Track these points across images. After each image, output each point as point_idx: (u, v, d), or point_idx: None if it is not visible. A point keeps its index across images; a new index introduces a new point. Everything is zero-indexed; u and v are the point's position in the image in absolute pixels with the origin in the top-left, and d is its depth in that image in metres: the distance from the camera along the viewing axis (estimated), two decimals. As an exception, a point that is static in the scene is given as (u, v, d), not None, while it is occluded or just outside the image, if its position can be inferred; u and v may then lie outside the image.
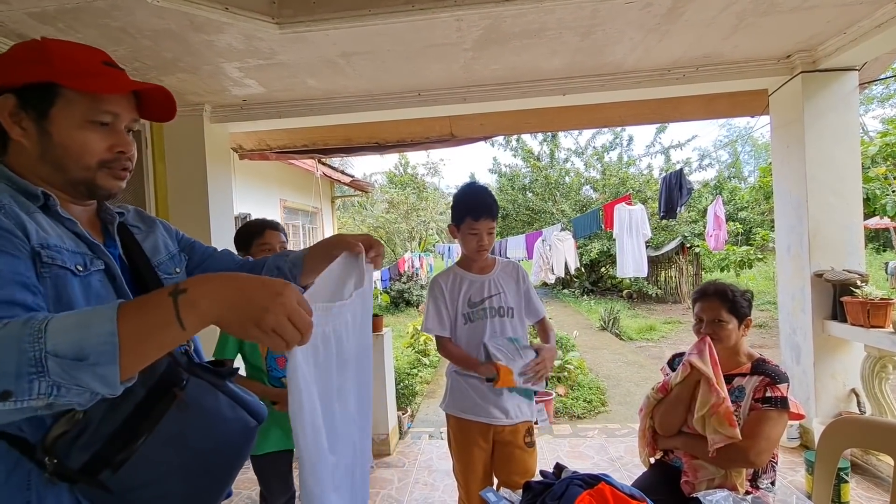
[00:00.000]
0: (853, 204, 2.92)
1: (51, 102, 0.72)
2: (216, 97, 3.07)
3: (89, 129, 0.74)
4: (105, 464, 0.66)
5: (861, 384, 2.79)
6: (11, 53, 0.75)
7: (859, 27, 2.50)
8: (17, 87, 0.72)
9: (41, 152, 0.74)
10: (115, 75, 0.77)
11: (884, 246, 14.68)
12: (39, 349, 0.51)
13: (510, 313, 1.79)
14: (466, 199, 1.73)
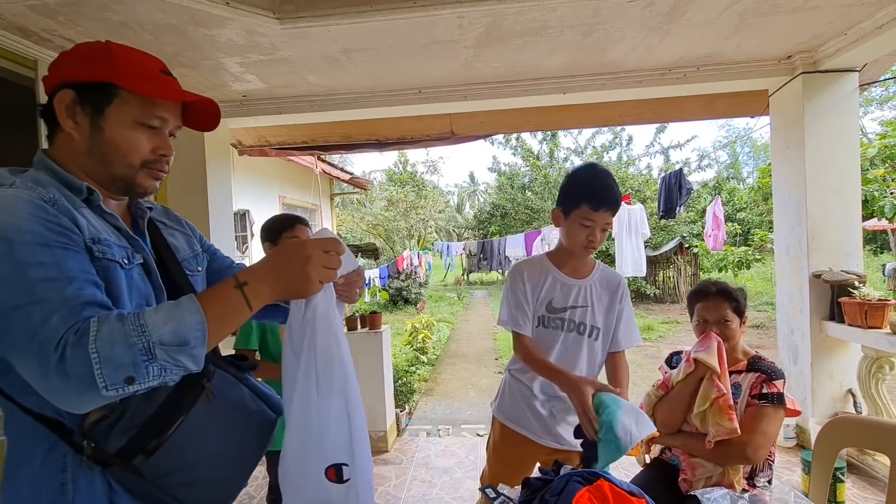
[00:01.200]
0: (852, 205, 2.93)
1: (108, 101, 0.76)
2: (216, 92, 3.06)
3: (139, 130, 0.78)
4: (139, 449, 0.69)
5: (858, 385, 2.81)
6: (76, 51, 0.78)
7: (860, 28, 2.50)
8: (77, 83, 0.75)
9: (90, 147, 0.77)
10: (171, 83, 0.81)
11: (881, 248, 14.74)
12: (147, 340, 0.62)
13: (593, 333, 1.49)
14: (588, 183, 1.40)
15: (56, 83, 0.76)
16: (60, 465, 0.70)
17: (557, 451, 1.51)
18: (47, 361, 0.59)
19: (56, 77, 0.77)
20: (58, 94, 0.75)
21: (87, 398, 0.61)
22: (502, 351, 7.13)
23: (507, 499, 0.90)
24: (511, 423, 1.54)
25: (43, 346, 0.60)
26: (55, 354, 0.59)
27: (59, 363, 0.59)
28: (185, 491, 0.74)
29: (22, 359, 0.62)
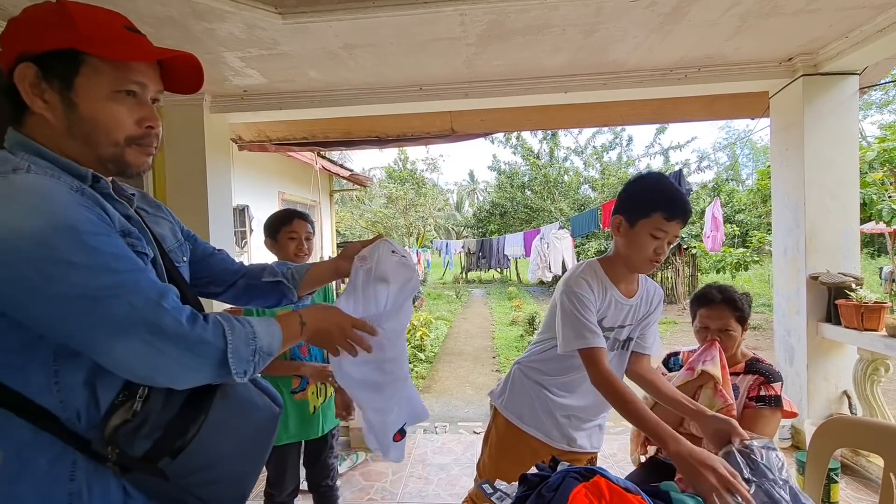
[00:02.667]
0: (850, 208, 2.94)
1: (76, 71, 0.66)
2: (216, 87, 3.05)
3: (117, 100, 0.69)
4: (165, 451, 0.67)
5: (853, 386, 2.82)
6: (27, 17, 0.67)
7: (861, 31, 2.51)
8: (36, 54, 0.65)
9: (68, 126, 0.68)
10: (141, 41, 0.72)
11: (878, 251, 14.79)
12: (255, 346, 0.71)
13: (626, 345, 1.45)
14: (663, 190, 1.28)
15: (13, 57, 0.66)
16: (68, 473, 0.65)
17: (567, 452, 1.48)
18: (173, 336, 0.62)
19: (12, 50, 0.66)
20: (17, 69, 0.65)
21: (203, 375, 0.66)
22: (500, 349, 7.14)
23: (504, 494, 0.91)
24: (525, 425, 1.48)
25: (162, 323, 0.61)
26: (185, 328, 0.63)
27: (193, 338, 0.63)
28: (208, 489, 0.73)
29: (125, 339, 0.60)
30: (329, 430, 1.88)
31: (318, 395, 1.83)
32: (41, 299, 0.58)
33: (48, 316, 0.59)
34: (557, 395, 1.46)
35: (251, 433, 0.80)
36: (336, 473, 1.98)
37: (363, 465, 3.00)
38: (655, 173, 1.41)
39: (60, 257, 0.58)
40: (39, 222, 0.57)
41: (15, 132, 0.69)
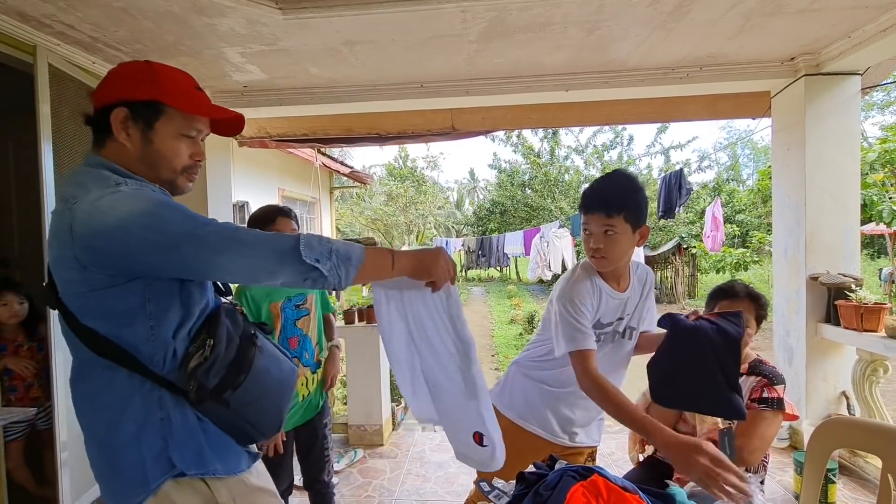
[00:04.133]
0: (851, 209, 2.93)
1: (157, 117, 0.90)
2: (217, 82, 3.04)
3: (181, 140, 0.94)
4: (228, 385, 0.91)
5: (852, 387, 2.82)
6: (123, 72, 0.92)
7: (863, 31, 2.50)
8: (129, 101, 0.89)
9: (141, 155, 0.91)
10: (204, 99, 0.96)
11: (878, 252, 14.78)
12: (330, 246, 0.88)
13: (630, 334, 1.47)
14: (585, 189, 1.36)
15: (110, 101, 0.89)
16: (157, 404, 0.87)
17: (568, 447, 1.49)
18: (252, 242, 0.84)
19: (109, 95, 0.90)
20: (113, 111, 0.88)
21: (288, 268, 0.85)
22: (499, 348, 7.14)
23: (502, 492, 0.91)
24: (525, 423, 1.49)
25: (241, 236, 0.84)
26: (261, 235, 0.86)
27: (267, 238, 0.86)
28: (256, 417, 0.97)
29: (223, 255, 0.83)
30: (317, 412, 1.89)
31: (307, 386, 1.85)
32: (162, 250, 0.81)
33: (170, 260, 0.82)
34: (559, 390, 1.46)
35: (282, 378, 1.03)
36: (331, 468, 1.98)
37: (361, 461, 3.00)
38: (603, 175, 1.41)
39: (164, 217, 0.82)
40: (144, 204, 0.83)
41: (96, 155, 0.92)
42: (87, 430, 0.91)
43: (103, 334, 0.85)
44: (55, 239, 0.84)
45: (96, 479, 0.92)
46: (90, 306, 0.85)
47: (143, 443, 0.87)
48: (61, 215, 0.84)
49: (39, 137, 2.14)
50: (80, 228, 0.81)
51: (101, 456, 0.89)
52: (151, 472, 0.86)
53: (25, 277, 2.83)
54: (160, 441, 0.87)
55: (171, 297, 0.88)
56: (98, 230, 0.80)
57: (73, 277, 0.83)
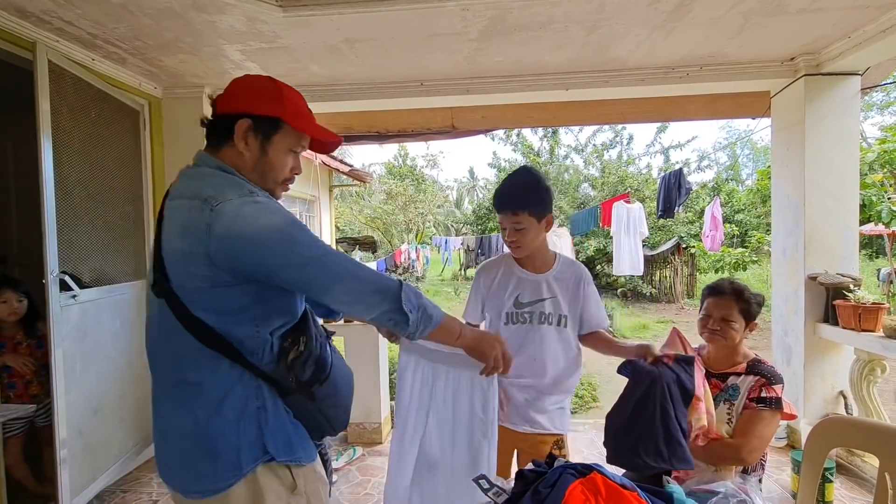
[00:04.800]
0: (850, 209, 2.94)
1: (275, 132, 0.99)
2: (217, 80, 3.03)
3: (289, 154, 1.03)
4: (316, 380, 1.00)
5: (850, 387, 2.83)
6: (251, 86, 1.00)
7: (864, 31, 2.50)
8: (253, 114, 0.97)
9: (255, 164, 1.00)
10: (313, 119, 1.06)
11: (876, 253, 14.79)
12: (421, 301, 1.01)
13: (562, 322, 1.57)
14: (498, 185, 1.54)
15: (235, 111, 0.97)
16: (255, 394, 0.95)
17: (531, 435, 1.55)
18: (366, 280, 0.95)
19: (235, 105, 0.98)
20: (238, 120, 0.96)
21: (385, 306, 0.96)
22: (498, 346, 7.15)
23: (501, 490, 0.91)
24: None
25: (359, 272, 0.95)
26: (374, 275, 0.96)
27: (379, 280, 0.96)
28: (332, 410, 1.05)
29: (340, 283, 0.93)
30: None
31: None
32: (291, 267, 0.90)
33: (294, 276, 0.92)
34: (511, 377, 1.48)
35: (349, 376, 1.12)
36: (330, 466, 1.97)
37: (360, 459, 3.00)
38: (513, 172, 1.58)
39: (297, 237, 0.91)
40: (280, 221, 0.91)
41: (213, 157, 0.99)
42: (181, 416, 0.94)
43: (212, 326, 0.91)
44: (187, 233, 0.89)
45: (173, 466, 0.97)
46: (206, 299, 0.90)
47: (241, 429, 0.93)
48: (198, 213, 0.88)
49: (39, 135, 2.14)
50: (220, 230, 0.87)
51: (193, 441, 0.93)
52: (245, 457, 0.93)
53: (24, 275, 2.83)
54: (256, 428, 0.94)
55: (278, 300, 0.97)
56: (238, 236, 0.87)
57: (198, 272, 0.89)
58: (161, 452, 1.00)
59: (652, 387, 1.28)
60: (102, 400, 2.55)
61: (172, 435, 0.97)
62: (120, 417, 2.70)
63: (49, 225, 2.16)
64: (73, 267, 2.37)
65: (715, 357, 1.66)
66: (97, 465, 2.49)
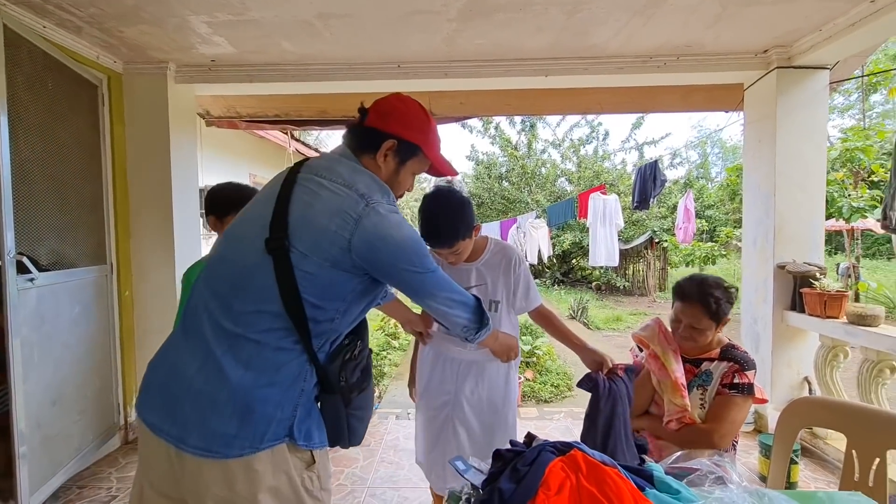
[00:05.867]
0: (817, 200, 3.02)
1: (411, 157, 1.12)
2: (182, 55, 2.88)
3: (411, 177, 1.17)
4: (357, 387, 1.07)
5: (814, 372, 2.92)
6: (407, 111, 1.11)
7: (834, 25, 2.55)
8: (400, 137, 1.08)
9: (386, 178, 1.09)
10: (440, 149, 1.19)
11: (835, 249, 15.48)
12: (487, 317, 1.22)
13: (492, 307, 1.66)
14: (421, 223, 1.54)
15: (387, 129, 1.07)
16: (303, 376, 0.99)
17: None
18: (457, 299, 1.13)
19: (388, 125, 1.08)
20: (387, 139, 1.07)
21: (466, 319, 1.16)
22: (474, 338, 7.15)
23: (478, 471, 0.87)
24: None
25: (445, 290, 1.11)
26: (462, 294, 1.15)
27: (464, 299, 1.15)
28: (357, 423, 1.10)
29: (434, 298, 1.09)
30: None
31: None
32: (412, 274, 1.03)
33: (411, 280, 1.04)
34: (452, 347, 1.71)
35: (372, 399, 1.17)
36: None
37: (333, 450, 2.92)
38: (425, 199, 1.55)
39: (422, 252, 1.04)
40: (414, 236, 1.04)
41: (354, 156, 1.08)
42: (226, 365, 0.92)
43: (304, 297, 0.94)
44: (337, 216, 0.95)
45: (184, 412, 0.93)
46: (318, 275, 0.95)
47: (281, 404, 0.95)
48: (354, 203, 0.97)
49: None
50: (369, 226, 0.96)
51: (230, 394, 0.91)
52: (273, 432, 0.94)
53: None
54: (292, 408, 0.97)
55: (365, 301, 1.06)
56: (385, 237, 0.97)
57: (331, 251, 0.95)
58: (169, 394, 0.94)
59: (614, 406, 1.46)
60: (61, 390, 2.40)
61: (201, 379, 0.92)
62: (80, 409, 2.55)
63: (5, 202, 2.01)
64: (29, 249, 2.22)
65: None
66: (56, 459, 2.35)
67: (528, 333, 5.73)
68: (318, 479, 1.02)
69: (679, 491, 0.87)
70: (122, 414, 2.93)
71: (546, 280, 13.54)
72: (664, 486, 0.88)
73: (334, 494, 2.45)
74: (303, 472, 0.99)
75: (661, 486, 0.88)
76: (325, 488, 1.05)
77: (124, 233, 2.98)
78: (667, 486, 0.88)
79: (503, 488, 0.76)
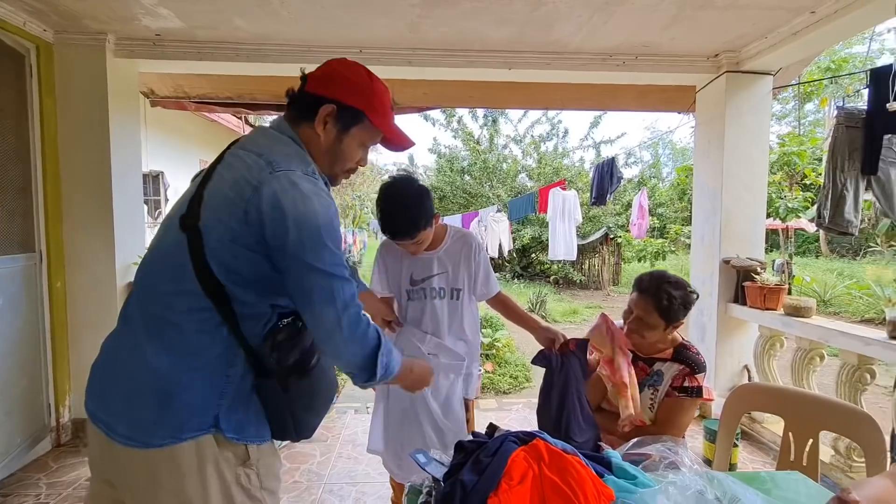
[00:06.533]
0: (759, 199, 3.20)
1: (355, 124, 1.00)
2: (122, 26, 2.66)
3: (360, 148, 1.04)
4: (296, 370, 0.94)
5: (753, 361, 3.11)
6: (345, 74, 1.00)
7: (778, 33, 2.70)
8: (340, 101, 0.97)
9: (327, 149, 1.00)
10: (392, 118, 1.06)
11: (771, 247, 16.64)
12: (386, 362, 0.97)
13: (454, 295, 1.66)
14: (380, 215, 1.53)
15: (324, 94, 0.97)
16: (231, 361, 0.90)
17: None
18: (356, 327, 0.91)
19: (325, 89, 0.98)
20: (324, 104, 0.96)
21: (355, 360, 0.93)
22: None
23: (440, 463, 0.85)
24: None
25: (352, 315, 0.90)
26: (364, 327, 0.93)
27: (361, 331, 0.92)
28: (303, 412, 1.00)
29: (325, 308, 0.88)
30: None
31: None
32: (303, 261, 0.87)
33: (300, 273, 0.87)
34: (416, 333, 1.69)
35: (331, 384, 1.07)
36: None
37: (288, 446, 2.84)
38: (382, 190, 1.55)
39: (325, 242, 0.88)
40: (325, 217, 0.88)
41: (290, 127, 0.98)
42: (149, 351, 0.87)
43: (218, 277, 0.86)
44: (237, 184, 0.87)
45: (113, 398, 0.89)
46: (223, 251, 0.87)
47: (203, 392, 0.88)
48: (258, 171, 0.88)
49: None
50: (268, 194, 0.85)
51: (151, 380, 0.86)
52: (194, 421, 0.87)
53: None
54: (215, 397, 0.89)
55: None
56: (281, 208, 0.85)
57: (229, 223, 0.86)
58: (105, 382, 0.91)
59: (567, 379, 1.49)
60: (-24, 391, 2.18)
61: (129, 365, 0.89)
62: (5, 410, 2.33)
63: None
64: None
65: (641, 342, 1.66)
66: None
67: (489, 326, 5.78)
68: (256, 477, 0.94)
69: (636, 476, 0.88)
70: (54, 415, 2.70)
71: (506, 274, 13.73)
72: (622, 471, 0.90)
73: (289, 492, 2.38)
74: (236, 469, 0.91)
75: (619, 472, 0.89)
76: (267, 488, 0.96)
77: (55, 218, 2.73)
78: (624, 471, 0.90)
79: (465, 480, 0.75)
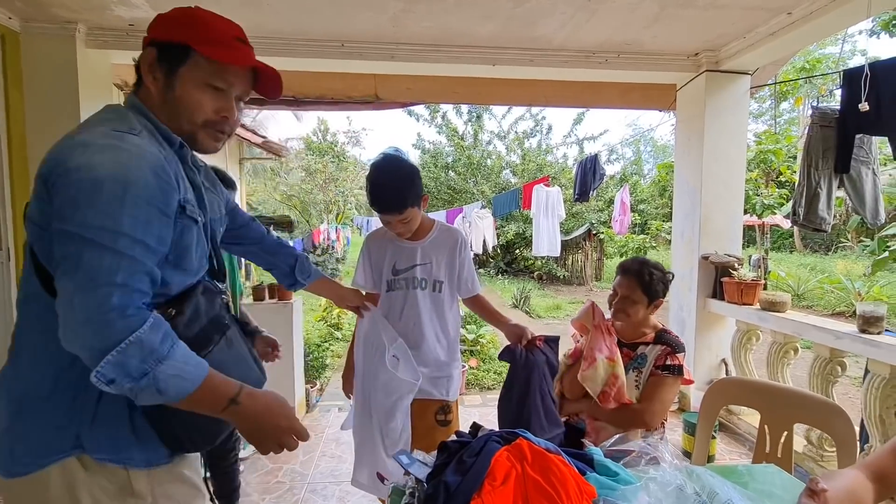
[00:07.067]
0: (737, 196, 3.27)
1: (182, 62, 0.82)
2: (94, 15, 2.56)
3: (205, 91, 0.84)
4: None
5: (730, 354, 3.19)
6: (169, 14, 0.84)
7: (756, 33, 2.75)
8: (161, 42, 0.82)
9: (163, 101, 0.84)
10: (243, 50, 0.87)
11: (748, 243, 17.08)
12: (153, 373, 0.69)
13: (436, 287, 1.64)
14: (369, 187, 1.50)
15: (146, 41, 0.84)
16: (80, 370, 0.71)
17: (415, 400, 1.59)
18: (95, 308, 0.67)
19: (150, 34, 0.84)
20: (144, 51, 0.84)
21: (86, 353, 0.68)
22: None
23: (423, 464, 0.84)
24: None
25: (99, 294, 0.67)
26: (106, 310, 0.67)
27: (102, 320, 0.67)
28: (194, 417, 0.77)
29: (71, 287, 0.68)
30: None
31: None
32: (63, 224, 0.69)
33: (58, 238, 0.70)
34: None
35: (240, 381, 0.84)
36: (237, 453, 1.83)
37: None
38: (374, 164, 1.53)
39: (98, 201, 0.68)
40: (111, 171, 0.70)
41: (133, 95, 0.85)
42: (7, 366, 0.80)
43: (48, 270, 0.74)
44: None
45: None
46: (39, 239, 0.76)
47: (53, 401, 0.76)
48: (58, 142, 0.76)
49: None
50: (51, 155, 0.73)
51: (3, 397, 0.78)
52: (54, 441, 0.75)
53: None
54: (66, 409, 0.76)
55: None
56: (57, 164, 0.71)
57: (35, 209, 0.75)
58: None
59: (530, 374, 1.45)
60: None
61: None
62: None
63: None
64: None
65: (626, 328, 1.74)
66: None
67: (472, 322, 5.80)
68: None
69: (618, 473, 0.89)
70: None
71: (490, 270, 13.78)
72: (604, 468, 0.90)
73: (272, 492, 2.35)
74: (119, 500, 0.77)
75: (601, 469, 0.90)
76: None
77: (23, 215, 2.63)
78: (606, 468, 0.90)
79: (449, 481, 0.74)
